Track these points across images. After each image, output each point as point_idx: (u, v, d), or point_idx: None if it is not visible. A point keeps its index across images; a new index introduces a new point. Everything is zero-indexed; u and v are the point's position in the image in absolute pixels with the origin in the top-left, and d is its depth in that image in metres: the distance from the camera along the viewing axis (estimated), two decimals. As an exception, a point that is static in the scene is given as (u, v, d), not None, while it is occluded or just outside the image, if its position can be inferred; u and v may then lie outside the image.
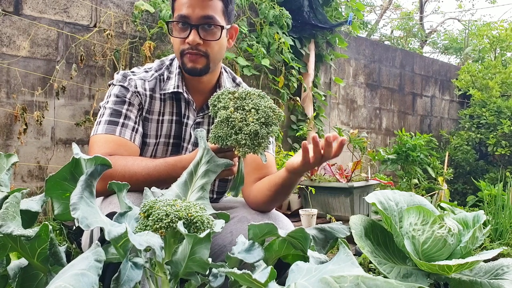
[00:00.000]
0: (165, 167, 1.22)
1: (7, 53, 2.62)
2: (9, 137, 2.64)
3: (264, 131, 1.06)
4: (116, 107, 1.34)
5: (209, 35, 1.34)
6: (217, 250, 1.32)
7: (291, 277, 0.73)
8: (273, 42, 3.68)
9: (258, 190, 1.37)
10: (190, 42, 1.31)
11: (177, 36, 1.35)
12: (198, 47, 1.33)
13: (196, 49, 1.33)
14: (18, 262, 0.96)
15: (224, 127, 1.06)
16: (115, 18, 3.00)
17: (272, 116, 1.08)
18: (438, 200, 3.89)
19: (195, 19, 1.32)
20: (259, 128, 1.06)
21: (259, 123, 1.06)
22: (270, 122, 1.08)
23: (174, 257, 0.82)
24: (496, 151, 5.59)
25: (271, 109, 1.09)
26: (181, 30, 1.34)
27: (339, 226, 0.99)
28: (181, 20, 1.32)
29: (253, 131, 1.05)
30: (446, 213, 1.92)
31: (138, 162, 1.24)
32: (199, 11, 1.31)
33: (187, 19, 1.32)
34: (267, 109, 1.08)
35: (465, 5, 15.21)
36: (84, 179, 0.80)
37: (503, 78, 6.05)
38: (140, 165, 1.23)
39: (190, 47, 1.32)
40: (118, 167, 1.20)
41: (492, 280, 1.63)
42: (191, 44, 1.32)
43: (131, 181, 1.17)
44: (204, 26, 1.32)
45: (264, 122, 1.07)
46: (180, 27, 1.34)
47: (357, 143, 3.17)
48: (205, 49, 1.34)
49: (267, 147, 1.09)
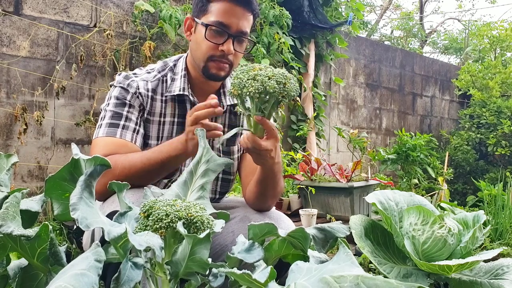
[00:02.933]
0: (160, 147, 1.29)
1: (7, 53, 2.62)
2: (9, 137, 2.64)
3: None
4: (116, 109, 1.34)
5: (240, 47, 1.39)
6: (218, 250, 1.32)
7: (291, 277, 0.73)
8: (273, 42, 3.68)
9: (249, 189, 1.40)
10: (226, 51, 1.33)
11: (211, 40, 1.34)
12: (228, 57, 1.36)
13: (226, 58, 1.35)
14: (18, 262, 0.96)
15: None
16: (115, 18, 3.00)
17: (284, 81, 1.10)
18: (438, 200, 3.89)
19: (234, 30, 1.34)
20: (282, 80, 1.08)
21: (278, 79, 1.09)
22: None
23: (174, 257, 0.82)
24: (496, 151, 5.59)
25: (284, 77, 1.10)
26: (216, 35, 1.34)
27: (339, 225, 0.99)
28: (220, 28, 1.33)
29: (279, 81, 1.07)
30: (446, 213, 1.92)
31: (136, 154, 1.29)
32: (240, 24, 1.35)
33: (227, 28, 1.34)
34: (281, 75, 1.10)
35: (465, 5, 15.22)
36: (83, 180, 0.80)
37: (503, 78, 6.05)
38: (138, 154, 1.29)
39: (222, 55, 1.34)
40: (118, 162, 1.23)
41: (492, 280, 1.63)
42: (225, 53, 1.34)
43: (131, 171, 1.23)
44: (240, 38, 1.37)
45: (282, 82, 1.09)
46: (216, 33, 1.34)
47: (357, 143, 3.17)
48: (232, 59, 1.37)
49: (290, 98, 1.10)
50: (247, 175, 1.46)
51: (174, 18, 2.99)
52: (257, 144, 1.14)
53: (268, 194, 1.35)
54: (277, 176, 1.32)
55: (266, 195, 1.35)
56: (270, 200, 1.37)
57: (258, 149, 1.15)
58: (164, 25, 2.97)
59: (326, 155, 4.66)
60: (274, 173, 1.30)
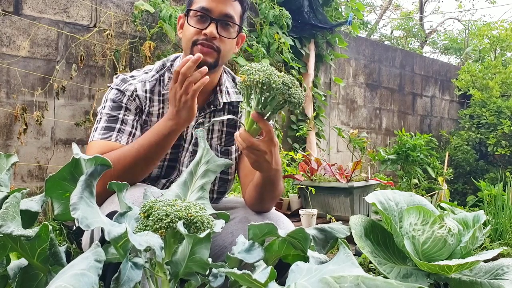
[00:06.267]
0: (150, 130, 1.29)
1: (7, 53, 2.62)
2: (9, 137, 2.64)
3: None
4: (112, 113, 1.34)
5: (226, 32, 1.36)
6: (217, 250, 1.32)
7: (291, 277, 0.73)
8: (273, 42, 3.68)
9: (248, 191, 1.39)
10: (208, 33, 1.32)
11: (195, 26, 1.34)
12: (213, 41, 1.33)
13: (211, 42, 1.33)
14: (18, 262, 0.96)
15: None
16: (115, 18, 3.00)
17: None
18: (438, 200, 3.89)
19: (216, 14, 1.33)
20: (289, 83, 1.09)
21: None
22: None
23: (174, 257, 0.82)
24: (496, 151, 5.59)
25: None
26: (199, 21, 1.34)
27: (339, 226, 0.99)
28: (202, 11, 1.33)
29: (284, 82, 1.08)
30: (446, 213, 1.92)
31: (128, 145, 1.29)
32: (222, 7, 1.33)
33: (208, 12, 1.33)
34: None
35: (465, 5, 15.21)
36: (84, 179, 0.80)
37: (503, 78, 6.05)
38: (129, 145, 1.29)
39: (205, 38, 1.32)
40: (111, 158, 1.20)
41: (492, 280, 1.63)
42: (207, 36, 1.32)
43: (126, 161, 1.22)
44: (223, 22, 1.34)
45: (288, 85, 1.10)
46: (199, 19, 1.34)
47: (357, 143, 3.17)
48: (218, 44, 1.34)
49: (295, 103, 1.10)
50: (246, 175, 1.46)
51: (174, 18, 2.99)
52: (249, 142, 1.13)
53: (266, 197, 1.34)
54: (276, 182, 1.31)
55: (264, 199, 1.35)
56: (269, 202, 1.37)
57: (250, 147, 1.13)
58: (164, 25, 2.97)
59: (326, 155, 4.66)
60: (271, 180, 1.28)
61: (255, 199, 1.35)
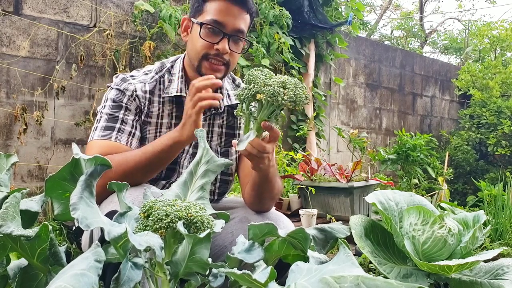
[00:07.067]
0: (156, 140, 1.30)
1: (7, 53, 2.62)
2: (9, 137, 2.64)
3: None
4: (112, 112, 1.34)
5: (236, 47, 1.38)
6: (217, 250, 1.32)
7: (291, 277, 0.73)
8: (273, 42, 3.68)
9: (246, 191, 1.40)
10: (221, 49, 1.33)
11: (206, 39, 1.34)
12: (224, 56, 1.35)
13: (221, 57, 1.35)
14: (18, 262, 0.96)
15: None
16: (115, 18, 3.00)
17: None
18: (438, 200, 3.89)
19: (229, 29, 1.34)
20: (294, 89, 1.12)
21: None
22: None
23: (174, 257, 0.82)
24: (496, 151, 5.59)
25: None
26: (211, 34, 1.34)
27: (339, 226, 0.99)
28: (215, 26, 1.33)
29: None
30: (446, 213, 1.92)
31: (131, 151, 1.30)
32: (235, 22, 1.34)
33: (222, 27, 1.33)
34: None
35: (465, 5, 15.22)
36: (84, 179, 0.80)
37: (503, 78, 6.05)
38: (133, 151, 1.29)
39: (217, 53, 1.34)
40: (113, 160, 1.21)
41: (492, 280, 1.63)
42: (219, 51, 1.33)
43: (128, 166, 1.22)
44: (235, 38, 1.36)
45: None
46: (211, 32, 1.34)
47: (357, 143, 3.17)
48: (228, 59, 1.36)
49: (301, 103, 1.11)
50: (246, 175, 1.46)
51: (174, 18, 2.99)
52: (262, 147, 1.13)
53: (265, 196, 1.35)
54: (273, 179, 1.32)
55: (263, 198, 1.35)
56: (268, 202, 1.37)
57: (262, 152, 1.14)
58: (164, 25, 2.97)
59: (326, 155, 4.66)
60: (269, 177, 1.29)
61: (254, 198, 1.36)
